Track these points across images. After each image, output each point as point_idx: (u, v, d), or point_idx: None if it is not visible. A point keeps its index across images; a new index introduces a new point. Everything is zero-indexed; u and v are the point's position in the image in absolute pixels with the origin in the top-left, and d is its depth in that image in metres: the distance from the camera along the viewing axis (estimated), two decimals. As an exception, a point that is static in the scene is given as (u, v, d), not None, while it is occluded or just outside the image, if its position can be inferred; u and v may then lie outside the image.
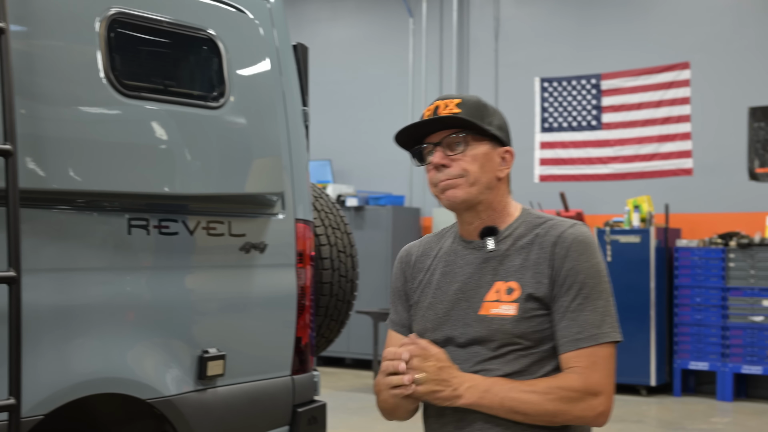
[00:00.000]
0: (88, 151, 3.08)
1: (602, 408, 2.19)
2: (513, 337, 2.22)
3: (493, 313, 2.25)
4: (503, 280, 2.27)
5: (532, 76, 11.50)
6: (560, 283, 2.23)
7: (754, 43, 10.37)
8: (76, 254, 3.11)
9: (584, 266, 2.23)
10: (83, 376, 3.08)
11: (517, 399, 2.16)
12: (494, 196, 2.34)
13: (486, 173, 2.30)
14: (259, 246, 3.67)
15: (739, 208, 10.32)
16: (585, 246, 2.25)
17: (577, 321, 2.21)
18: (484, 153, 2.30)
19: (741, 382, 9.86)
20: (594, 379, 2.18)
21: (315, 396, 3.96)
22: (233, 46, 3.57)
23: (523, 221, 2.35)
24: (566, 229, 2.27)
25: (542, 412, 2.16)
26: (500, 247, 2.31)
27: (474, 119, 2.29)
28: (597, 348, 2.20)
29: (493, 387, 2.18)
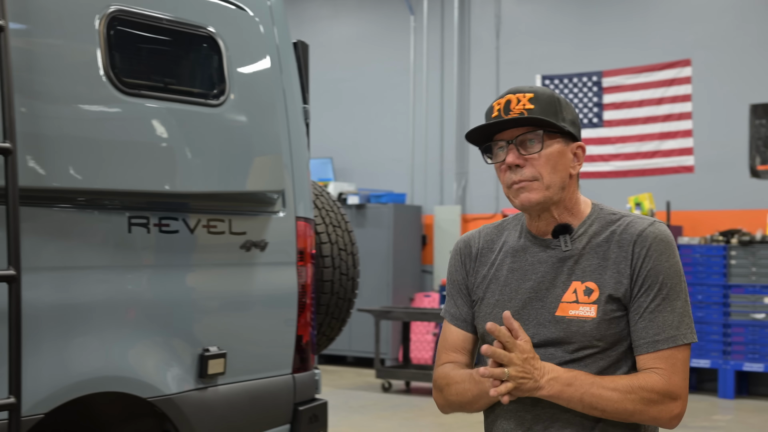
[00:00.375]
0: (89, 149, 3.08)
1: (678, 411, 2.18)
2: (593, 339, 2.19)
3: (571, 315, 2.20)
4: (580, 281, 2.22)
5: (533, 73, 11.49)
6: (640, 283, 2.19)
7: (756, 40, 10.36)
8: (76, 253, 3.11)
9: (665, 266, 2.19)
10: (84, 374, 3.08)
11: (598, 395, 2.13)
12: (567, 194, 2.27)
13: (559, 173, 2.23)
14: (260, 244, 3.67)
15: (740, 206, 10.31)
16: (666, 245, 2.20)
17: (655, 322, 2.17)
18: (558, 151, 2.23)
19: (743, 380, 9.85)
20: (674, 382, 2.16)
21: (316, 394, 3.96)
22: (233, 43, 3.57)
23: (596, 218, 2.29)
24: (647, 227, 2.22)
25: (621, 410, 2.14)
26: (575, 246, 2.25)
27: (548, 116, 2.21)
28: (675, 350, 2.17)
29: (575, 381, 2.14)
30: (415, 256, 12.27)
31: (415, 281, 12.25)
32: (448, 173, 12.38)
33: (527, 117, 2.19)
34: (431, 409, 9.03)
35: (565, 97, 2.30)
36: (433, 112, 12.49)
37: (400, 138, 12.64)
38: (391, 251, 11.81)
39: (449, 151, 12.35)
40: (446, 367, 2.37)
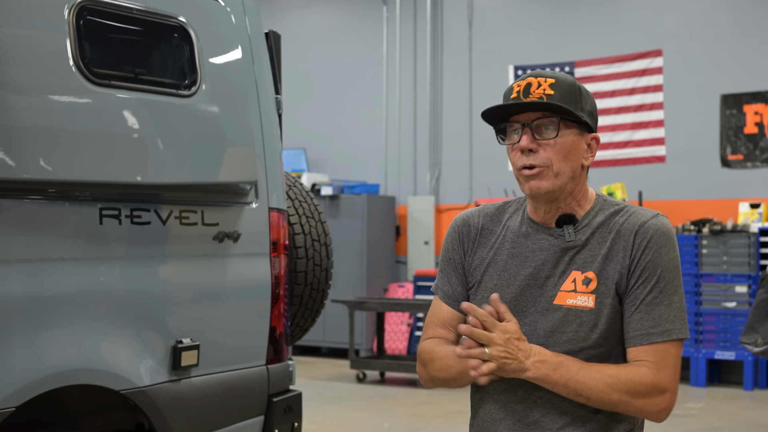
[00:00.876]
0: (59, 141, 3.05)
1: (665, 405, 2.17)
2: (589, 330, 2.18)
3: (569, 304, 2.20)
4: (580, 270, 2.22)
5: (506, 64, 11.51)
6: (638, 274, 2.18)
7: (726, 30, 10.43)
8: (47, 244, 3.08)
9: (664, 259, 2.18)
10: (55, 367, 3.06)
11: (584, 383, 2.13)
12: (575, 185, 2.25)
13: (571, 162, 2.22)
14: (233, 235, 3.65)
15: (711, 195, 10.39)
16: (666, 238, 2.20)
17: (651, 314, 2.17)
18: (573, 141, 2.22)
19: (714, 368, 9.93)
20: (663, 376, 2.15)
21: (290, 385, 3.95)
22: (205, 33, 3.55)
23: (600, 208, 2.27)
24: (649, 219, 2.21)
25: (606, 400, 2.14)
26: (578, 237, 2.24)
27: (567, 104, 2.19)
28: (669, 344, 2.17)
29: (561, 366, 2.14)
30: (388, 246, 12.28)
31: (389, 272, 12.26)
32: (421, 164, 12.39)
33: (546, 102, 2.18)
34: (406, 400, 9.05)
35: (586, 88, 2.27)
36: (407, 102, 12.49)
37: (374, 128, 12.64)
38: (364, 242, 11.81)
39: (423, 141, 12.36)
40: (431, 341, 2.35)
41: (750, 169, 10.25)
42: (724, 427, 7.80)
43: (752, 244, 9.51)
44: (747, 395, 9.32)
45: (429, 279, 11.31)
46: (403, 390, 9.61)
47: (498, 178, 11.37)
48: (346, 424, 7.84)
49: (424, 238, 12.08)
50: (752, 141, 10.24)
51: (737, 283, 9.59)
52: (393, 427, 7.78)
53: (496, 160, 11.31)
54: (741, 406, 8.82)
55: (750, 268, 9.52)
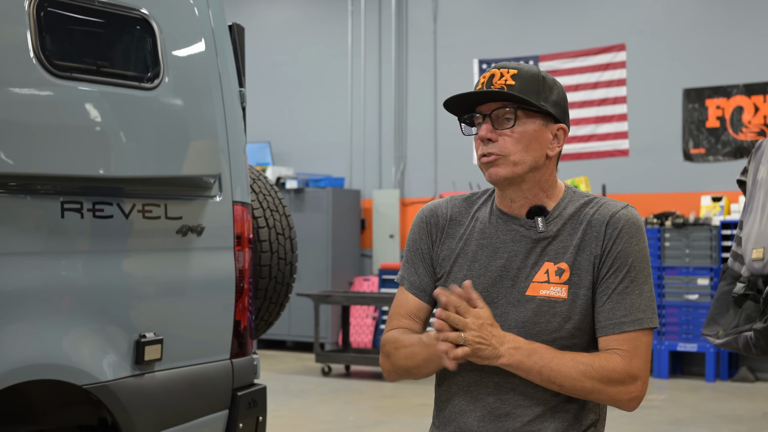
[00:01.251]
0: (20, 134, 3.02)
1: (637, 393, 2.20)
2: (562, 320, 2.19)
3: (542, 295, 2.21)
4: (553, 261, 2.23)
5: (470, 57, 11.54)
6: (609, 264, 2.20)
7: (689, 25, 10.51)
8: (8, 238, 3.05)
9: (634, 249, 2.20)
10: (17, 362, 3.03)
11: (557, 370, 2.14)
12: (541, 175, 2.27)
13: (532, 152, 2.23)
14: (196, 229, 3.64)
15: (674, 189, 10.48)
16: (636, 229, 2.22)
17: (622, 304, 2.18)
18: (534, 130, 2.23)
19: (677, 360, 10.03)
20: (635, 364, 2.17)
21: (255, 379, 3.94)
22: (167, 26, 3.52)
23: (570, 200, 2.29)
24: (619, 210, 2.23)
25: (579, 387, 2.15)
26: (550, 228, 2.25)
27: (527, 94, 2.20)
28: (640, 333, 2.19)
29: (535, 353, 2.15)
30: (354, 240, 12.28)
31: (354, 265, 12.26)
32: (386, 157, 12.40)
33: (499, 91, 2.20)
34: (371, 393, 9.06)
35: (553, 78, 2.28)
36: (371, 95, 12.49)
37: (339, 122, 12.62)
38: (330, 235, 11.80)
39: (387, 135, 12.36)
40: (396, 331, 2.35)
41: (712, 162, 10.35)
42: (687, 418, 7.87)
43: (714, 237, 9.61)
44: (709, 387, 9.42)
45: (394, 272, 11.32)
46: (368, 383, 9.62)
47: (463, 172, 11.40)
48: (312, 418, 7.83)
49: (389, 232, 12.09)
50: (714, 135, 10.34)
51: (699, 276, 9.69)
52: (358, 420, 7.78)
53: (461, 153, 11.34)
54: (703, 397, 8.91)
55: (712, 260, 9.62)
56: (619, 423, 7.39)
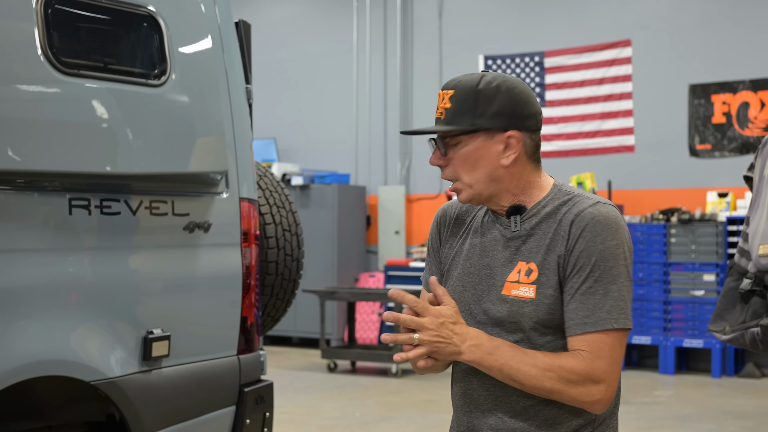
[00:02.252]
0: (28, 131, 3.03)
1: (600, 396, 2.14)
2: (530, 321, 2.18)
3: (513, 294, 2.20)
4: (525, 261, 2.22)
5: (475, 54, 11.53)
6: (572, 263, 2.16)
7: (695, 20, 10.49)
8: (16, 235, 3.06)
9: (599, 248, 2.14)
10: (25, 359, 3.04)
11: (517, 369, 2.13)
12: (507, 184, 2.24)
13: (481, 169, 2.21)
14: (204, 225, 3.64)
15: (680, 185, 10.47)
16: (603, 227, 2.15)
17: (586, 304, 2.14)
18: (476, 149, 2.21)
19: (683, 356, 10.03)
20: (597, 366, 2.13)
21: (262, 375, 3.95)
22: (174, 23, 3.53)
23: (551, 198, 2.26)
24: (586, 208, 2.18)
25: (539, 386, 2.13)
26: (524, 227, 2.24)
27: (462, 114, 2.19)
28: (603, 334, 2.13)
29: (496, 351, 2.14)
30: (359, 236, 12.28)
31: (359, 261, 12.26)
32: (392, 153, 12.40)
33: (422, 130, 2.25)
34: (377, 389, 9.07)
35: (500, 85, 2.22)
36: (377, 92, 12.49)
37: (344, 118, 12.62)
38: (335, 232, 11.80)
39: (393, 131, 12.36)
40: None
41: (718, 158, 10.34)
42: (693, 414, 7.87)
43: (720, 233, 9.60)
44: (715, 383, 9.41)
45: (400, 269, 11.32)
46: (374, 379, 9.63)
47: (468, 168, 11.39)
48: (317, 414, 7.84)
49: (394, 228, 12.09)
50: (720, 131, 10.33)
51: (705, 272, 9.68)
52: (364, 416, 7.79)
53: (467, 149, 11.33)
54: (709, 393, 8.91)
55: (718, 256, 9.61)
56: (624, 419, 7.39)
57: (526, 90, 2.24)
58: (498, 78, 2.23)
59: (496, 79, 2.22)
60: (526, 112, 2.24)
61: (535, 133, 2.26)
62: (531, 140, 2.25)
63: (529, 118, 2.24)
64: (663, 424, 7.47)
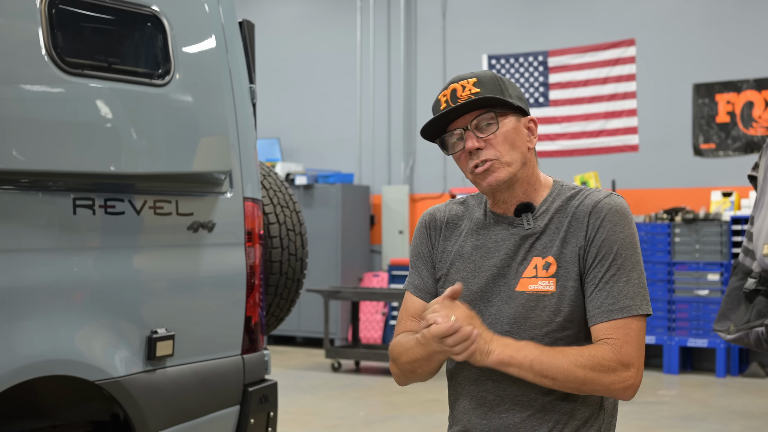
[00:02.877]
0: (32, 130, 3.03)
1: (632, 381, 2.18)
2: (552, 314, 2.20)
3: (531, 290, 2.22)
4: (540, 256, 2.24)
5: (479, 53, 11.52)
6: (594, 253, 2.20)
7: (698, 19, 10.48)
8: (20, 235, 3.06)
9: (619, 236, 2.20)
10: (29, 358, 3.04)
11: (548, 363, 2.14)
12: (528, 170, 2.30)
13: (518, 149, 2.26)
14: (208, 225, 3.65)
15: (684, 184, 10.45)
16: (620, 216, 2.22)
17: (611, 292, 2.18)
18: (513, 128, 2.26)
19: (687, 355, 10.01)
20: (626, 351, 2.16)
21: (266, 375, 3.95)
22: (178, 22, 3.53)
23: (557, 194, 2.31)
24: (602, 199, 2.24)
25: (571, 378, 2.14)
26: (537, 224, 2.27)
27: (496, 95, 2.23)
28: (630, 320, 2.18)
29: (524, 348, 2.15)
30: (363, 236, 12.28)
31: (363, 261, 12.26)
32: (395, 153, 12.40)
33: (478, 99, 2.21)
34: (381, 389, 9.07)
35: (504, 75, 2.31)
36: (381, 91, 12.49)
37: (348, 118, 12.62)
38: (339, 231, 11.81)
39: (397, 130, 12.36)
40: (401, 335, 2.37)
41: (722, 157, 10.33)
42: (697, 414, 7.86)
43: (724, 233, 9.58)
44: (719, 382, 9.40)
45: (403, 268, 11.32)
46: (378, 379, 9.63)
47: (472, 168, 11.39)
48: (321, 413, 7.84)
49: (398, 228, 12.09)
50: (724, 130, 10.32)
51: (709, 271, 9.67)
52: (368, 415, 7.79)
53: (471, 149, 11.32)
54: (713, 393, 8.90)
55: (722, 256, 9.60)
56: (629, 418, 7.39)
57: None
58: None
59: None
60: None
61: None
62: None
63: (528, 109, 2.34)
64: (667, 424, 7.46)
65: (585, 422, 2.27)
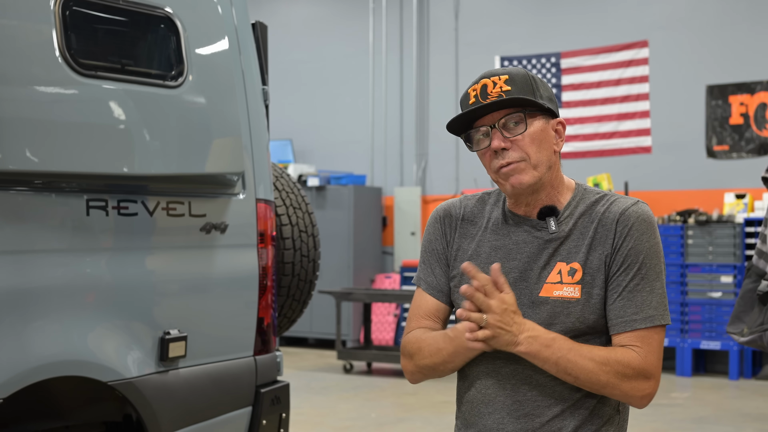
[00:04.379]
0: (45, 132, 3.04)
1: (649, 391, 2.18)
2: (576, 321, 2.18)
3: (556, 296, 2.20)
4: (565, 261, 2.21)
5: (492, 55, 11.51)
6: (620, 261, 2.18)
7: (712, 21, 10.45)
8: (34, 236, 3.07)
9: (645, 246, 2.18)
10: (43, 359, 3.05)
11: (574, 362, 2.13)
12: (553, 174, 2.26)
13: (545, 151, 2.22)
14: (220, 226, 3.65)
15: (697, 186, 10.42)
16: (647, 225, 2.20)
17: (634, 301, 2.17)
18: (541, 129, 2.22)
19: (700, 358, 9.98)
20: (649, 361, 2.16)
21: (278, 376, 3.96)
22: (191, 24, 3.54)
23: (581, 198, 2.27)
24: (630, 206, 2.21)
25: (594, 380, 2.14)
26: (562, 228, 2.24)
27: (527, 95, 2.20)
28: (653, 330, 2.17)
29: (553, 344, 2.13)
30: (375, 237, 12.28)
31: (375, 263, 12.26)
32: (408, 155, 12.39)
33: (509, 98, 2.18)
34: (393, 390, 9.06)
35: (538, 75, 2.27)
36: (393, 93, 12.48)
37: (360, 119, 12.63)
38: (351, 233, 11.81)
39: (409, 132, 12.36)
40: (417, 331, 2.34)
41: (735, 159, 10.29)
42: (710, 416, 7.84)
43: (737, 235, 9.55)
44: (732, 385, 9.37)
45: (415, 270, 11.30)
46: (390, 380, 9.62)
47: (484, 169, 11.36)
48: (333, 415, 7.84)
49: (410, 229, 12.08)
50: (737, 132, 10.28)
51: (722, 273, 9.63)
52: (380, 417, 7.79)
53: (483, 150, 11.30)
54: (726, 395, 8.86)
55: (735, 258, 9.56)
56: (641, 421, 7.36)
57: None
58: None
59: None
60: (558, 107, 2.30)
61: None
62: None
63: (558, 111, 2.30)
64: (680, 426, 7.44)
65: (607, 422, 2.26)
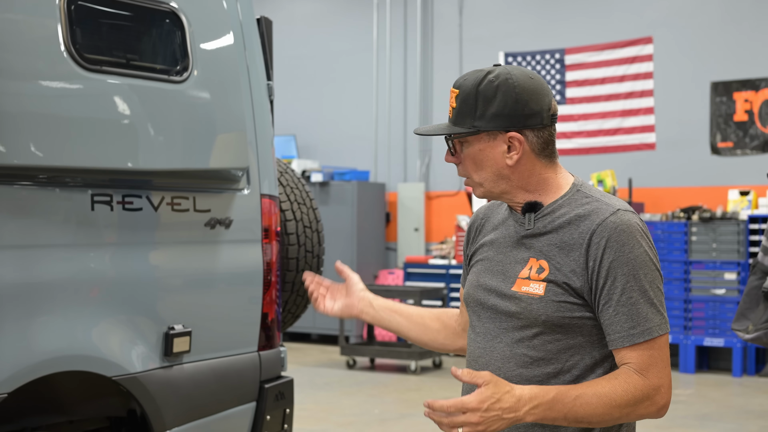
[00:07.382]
0: (50, 126, 3.04)
1: (663, 401, 2.15)
2: (538, 318, 2.17)
3: (523, 291, 2.20)
4: (536, 258, 2.21)
5: (496, 50, 11.50)
6: (604, 275, 2.12)
7: (716, 17, 10.43)
8: (38, 231, 3.07)
9: (628, 257, 2.12)
10: (47, 353, 3.05)
11: (582, 413, 2.09)
12: (517, 181, 2.23)
13: (487, 168, 2.22)
14: (225, 221, 3.65)
15: (701, 183, 10.41)
16: (627, 235, 2.12)
17: (628, 315, 2.12)
18: (480, 150, 2.22)
19: (703, 355, 9.97)
20: (653, 375, 2.13)
21: (282, 372, 3.96)
22: (196, 19, 3.53)
23: (569, 198, 2.23)
24: (607, 217, 2.14)
25: (608, 419, 2.12)
26: (538, 225, 2.23)
27: (464, 116, 2.22)
28: (652, 342, 2.13)
29: (556, 404, 2.08)
30: (378, 233, 12.28)
31: (379, 258, 12.26)
32: (411, 150, 12.39)
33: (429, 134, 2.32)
34: (396, 386, 9.07)
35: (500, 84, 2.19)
36: (397, 89, 12.48)
37: (364, 115, 12.62)
38: (354, 229, 11.81)
39: (412, 128, 12.34)
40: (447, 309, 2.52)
41: (740, 156, 10.28)
42: (713, 413, 7.83)
43: (741, 232, 9.54)
44: (736, 382, 9.36)
45: (419, 266, 11.31)
46: (393, 376, 9.62)
47: (488, 165, 11.36)
48: (336, 411, 7.85)
49: (414, 225, 12.08)
50: (742, 128, 10.27)
51: (726, 270, 9.62)
52: (383, 413, 7.79)
53: (487, 147, 11.30)
54: (730, 392, 8.86)
55: (739, 255, 9.55)
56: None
57: (530, 87, 2.20)
58: (502, 75, 2.21)
59: (499, 77, 2.20)
60: (528, 111, 2.19)
61: (543, 129, 2.22)
62: (538, 138, 2.21)
63: (531, 117, 2.20)
64: (683, 423, 7.43)
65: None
